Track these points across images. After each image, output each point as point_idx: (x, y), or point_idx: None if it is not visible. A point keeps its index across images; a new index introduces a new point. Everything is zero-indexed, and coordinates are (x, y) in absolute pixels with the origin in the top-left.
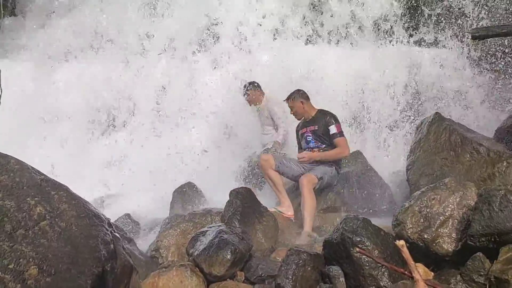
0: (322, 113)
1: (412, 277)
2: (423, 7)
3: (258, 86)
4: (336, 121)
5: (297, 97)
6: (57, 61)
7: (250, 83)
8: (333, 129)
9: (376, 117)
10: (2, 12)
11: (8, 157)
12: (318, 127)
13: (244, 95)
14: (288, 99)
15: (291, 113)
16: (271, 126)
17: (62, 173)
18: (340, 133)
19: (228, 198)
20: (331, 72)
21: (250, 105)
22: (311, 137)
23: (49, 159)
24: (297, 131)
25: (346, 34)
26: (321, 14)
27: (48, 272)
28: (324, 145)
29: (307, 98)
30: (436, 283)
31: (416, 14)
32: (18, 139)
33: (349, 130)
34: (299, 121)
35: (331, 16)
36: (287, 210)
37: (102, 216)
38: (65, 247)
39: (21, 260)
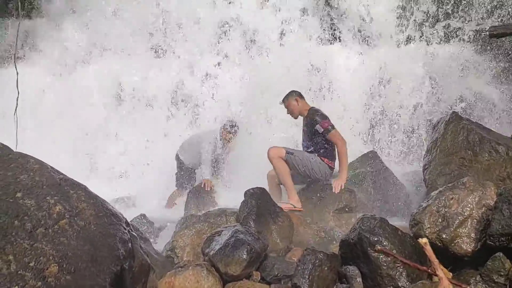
0: (311, 112)
1: (436, 275)
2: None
3: None
4: (322, 118)
5: (291, 96)
6: (72, 64)
7: (235, 125)
8: (319, 128)
9: (391, 116)
10: (21, 14)
11: (27, 157)
12: (307, 128)
13: (232, 133)
14: (283, 101)
15: (287, 114)
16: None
17: (78, 173)
18: (330, 128)
19: (243, 198)
20: (345, 72)
21: (225, 144)
22: (303, 137)
23: (63, 159)
24: None
25: (361, 32)
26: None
27: (67, 270)
28: (311, 148)
29: (301, 96)
30: (460, 281)
31: (433, 10)
32: (34, 140)
33: (364, 129)
34: None
35: (345, 15)
36: (296, 203)
37: (119, 215)
38: (84, 245)
39: (41, 258)
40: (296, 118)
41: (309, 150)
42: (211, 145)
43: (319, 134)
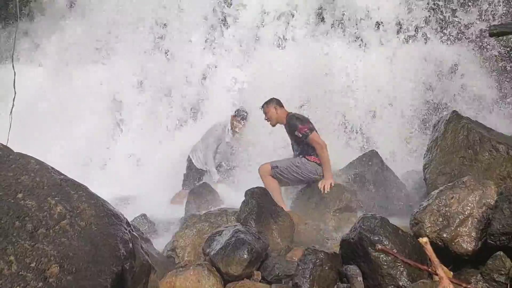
0: (288, 119)
1: (436, 274)
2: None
3: None
4: (300, 123)
5: (271, 103)
6: (72, 64)
7: (246, 112)
8: (298, 134)
9: (392, 116)
10: (18, 15)
11: (28, 157)
12: (289, 135)
13: (241, 120)
14: (262, 106)
15: (265, 119)
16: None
17: (78, 173)
18: (308, 131)
19: (243, 198)
20: (347, 71)
21: (234, 132)
22: (291, 141)
23: (64, 160)
24: None
25: (366, 32)
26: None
27: (69, 270)
28: (299, 150)
29: (280, 104)
30: (461, 280)
31: (438, 10)
32: (33, 140)
33: (365, 129)
34: None
35: (347, 13)
36: None
37: (120, 215)
38: (85, 246)
39: (42, 258)
40: (273, 125)
41: (297, 152)
42: (219, 133)
43: (299, 139)
